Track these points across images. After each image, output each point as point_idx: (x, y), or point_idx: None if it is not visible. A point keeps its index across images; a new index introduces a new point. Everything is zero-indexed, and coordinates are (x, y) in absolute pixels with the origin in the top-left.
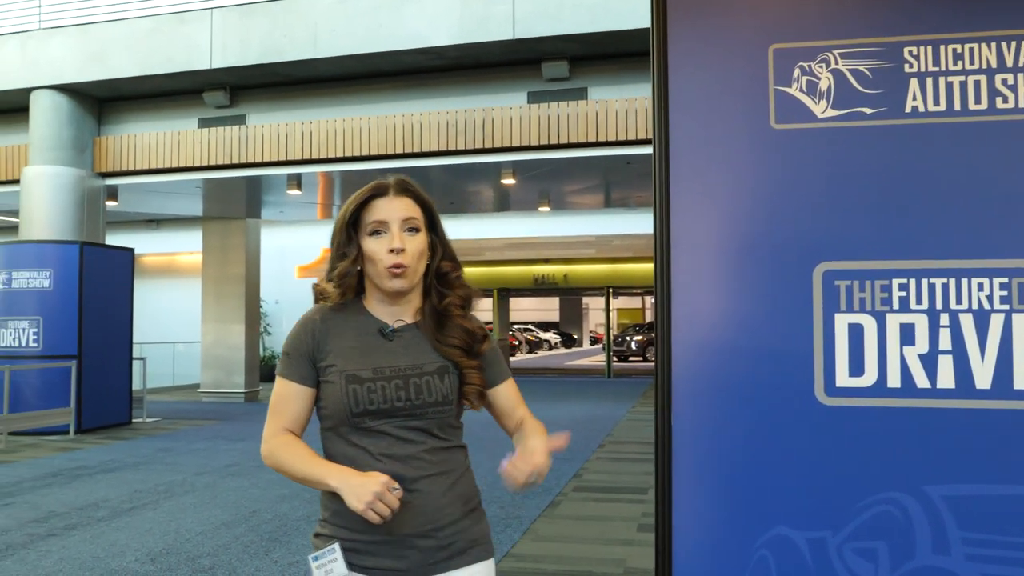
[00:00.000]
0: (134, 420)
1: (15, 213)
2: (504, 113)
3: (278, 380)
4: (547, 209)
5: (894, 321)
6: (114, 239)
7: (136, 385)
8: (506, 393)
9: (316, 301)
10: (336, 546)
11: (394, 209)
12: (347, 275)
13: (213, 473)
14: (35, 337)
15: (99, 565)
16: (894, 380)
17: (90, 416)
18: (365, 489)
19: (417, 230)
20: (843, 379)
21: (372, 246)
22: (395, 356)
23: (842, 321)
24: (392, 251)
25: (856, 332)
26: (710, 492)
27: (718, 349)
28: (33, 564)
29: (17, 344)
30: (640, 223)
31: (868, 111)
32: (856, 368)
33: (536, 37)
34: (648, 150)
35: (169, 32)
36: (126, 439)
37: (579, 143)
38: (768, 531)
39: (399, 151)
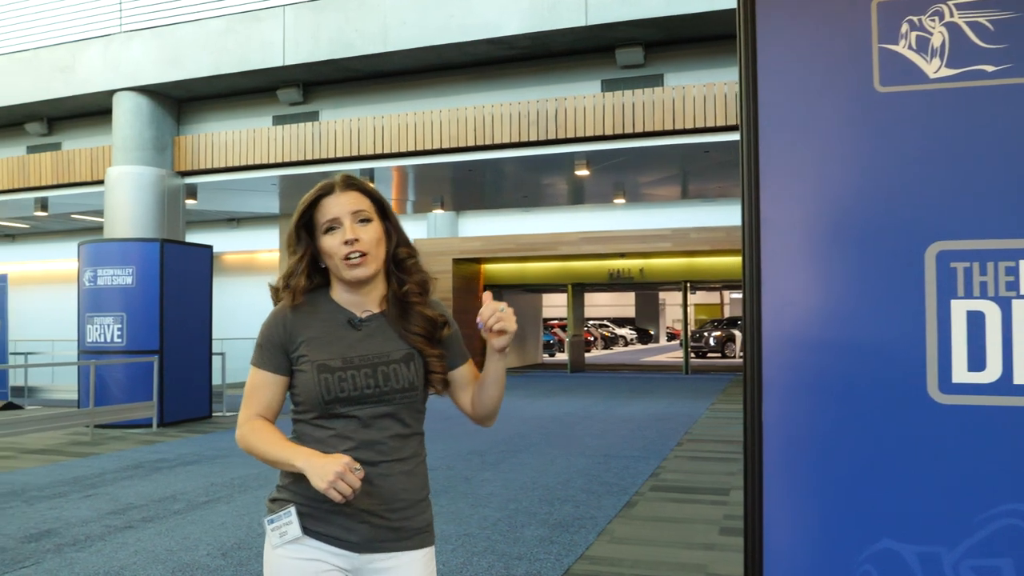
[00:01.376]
0: (214, 414)
1: (102, 213)
2: (577, 102)
3: (252, 370)
4: (622, 201)
5: (1022, 308)
6: (196, 237)
7: (216, 380)
8: (464, 372)
9: (275, 302)
10: (292, 509)
11: (342, 204)
12: (292, 275)
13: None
14: (119, 333)
15: (172, 559)
16: (1021, 376)
17: (172, 410)
18: (328, 469)
19: (369, 220)
20: (961, 374)
21: (328, 243)
22: (363, 345)
23: (960, 309)
24: (346, 242)
25: (976, 321)
26: (806, 499)
27: (815, 342)
28: (109, 556)
29: (103, 340)
30: (719, 215)
31: (989, 69)
32: (976, 362)
33: (609, 23)
34: (728, 137)
35: (242, 31)
36: (206, 432)
37: (655, 132)
38: (873, 544)
39: (471, 144)
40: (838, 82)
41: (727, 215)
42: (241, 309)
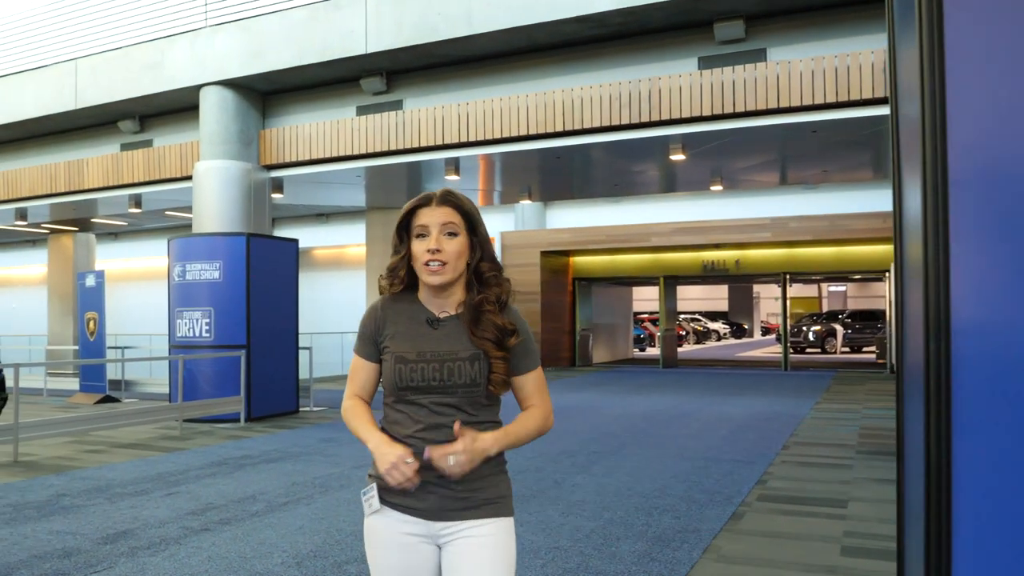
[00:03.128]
0: (301, 409)
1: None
2: (672, 82)
3: (353, 355)
4: (719, 188)
5: None
6: (286, 232)
7: (304, 374)
8: (525, 382)
9: (380, 291)
10: (374, 485)
11: (435, 216)
12: (396, 269)
13: (370, 467)
14: (207, 327)
15: (245, 566)
16: None
17: (259, 405)
18: (385, 458)
19: (455, 234)
20: None
21: (416, 247)
22: (437, 342)
23: None
24: (430, 251)
25: None
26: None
27: None
28: (181, 562)
29: (192, 334)
30: (819, 203)
31: None
32: None
33: None
34: (838, 115)
35: (324, 20)
36: (292, 428)
37: (757, 111)
38: None
39: (559, 129)
40: None
41: (829, 203)
42: (330, 303)
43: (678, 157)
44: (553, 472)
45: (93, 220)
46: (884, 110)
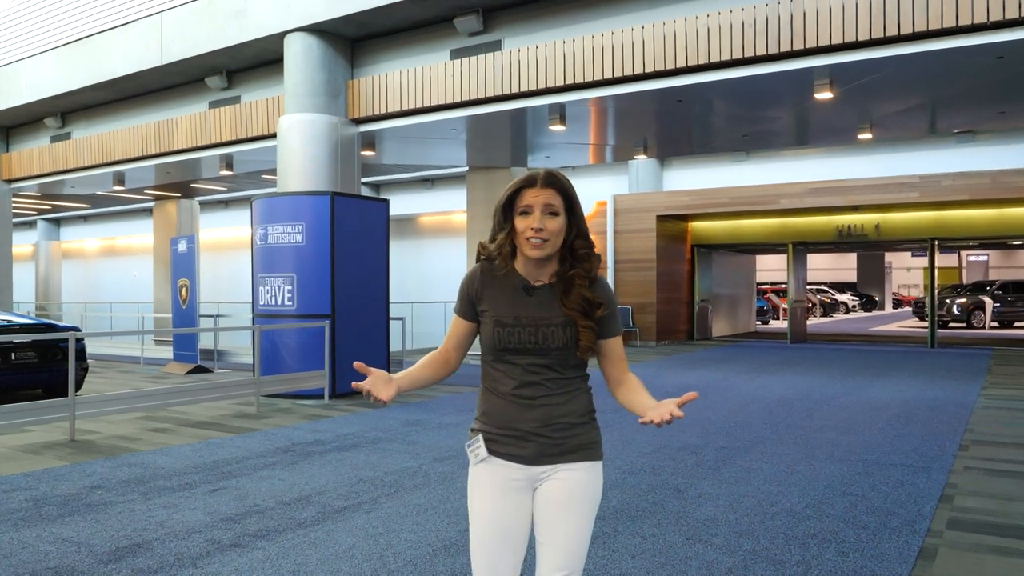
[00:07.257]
0: None
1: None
2: (820, 2)
3: (454, 314)
4: (867, 136)
5: None
6: (392, 199)
7: (396, 346)
8: (608, 344)
9: (478, 257)
10: (480, 437)
11: (538, 196)
12: (503, 246)
13: (453, 460)
14: (290, 295)
15: None
16: None
17: (345, 380)
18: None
19: (556, 214)
20: None
21: (520, 224)
22: (533, 308)
23: None
24: (534, 228)
25: None
26: None
27: None
28: None
29: (274, 303)
30: (976, 157)
31: None
32: None
33: None
34: None
35: None
36: (377, 407)
37: (928, 32)
38: None
39: (680, 65)
40: None
41: (988, 157)
42: (436, 271)
43: (824, 95)
44: (672, 475)
45: (193, 185)
46: None
